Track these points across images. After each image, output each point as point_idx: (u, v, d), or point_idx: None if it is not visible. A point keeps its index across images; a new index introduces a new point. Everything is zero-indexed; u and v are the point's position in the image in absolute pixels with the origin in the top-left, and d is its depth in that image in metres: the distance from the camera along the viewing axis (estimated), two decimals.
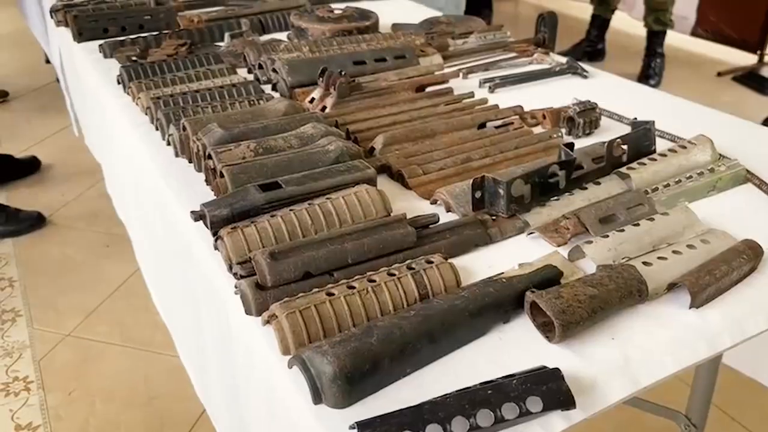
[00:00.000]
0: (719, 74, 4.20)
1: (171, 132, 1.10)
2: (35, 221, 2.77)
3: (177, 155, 1.10)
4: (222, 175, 0.89)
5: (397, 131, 1.09)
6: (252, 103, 1.21)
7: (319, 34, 1.61)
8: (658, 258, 0.77)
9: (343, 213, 0.83)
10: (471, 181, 0.87)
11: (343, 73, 1.27)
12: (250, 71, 1.48)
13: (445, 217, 0.90)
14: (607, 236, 0.80)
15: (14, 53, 4.72)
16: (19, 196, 3.01)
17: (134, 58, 1.53)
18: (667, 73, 4.07)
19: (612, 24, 4.50)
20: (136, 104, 1.29)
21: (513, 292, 0.71)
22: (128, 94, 1.34)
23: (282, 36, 1.73)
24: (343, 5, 1.82)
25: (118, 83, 1.40)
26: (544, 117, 1.19)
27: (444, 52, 1.53)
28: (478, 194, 0.87)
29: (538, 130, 1.18)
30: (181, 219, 0.96)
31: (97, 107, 1.54)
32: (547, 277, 0.73)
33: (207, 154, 0.94)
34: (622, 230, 0.81)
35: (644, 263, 0.76)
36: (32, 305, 2.31)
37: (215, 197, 0.95)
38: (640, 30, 4.31)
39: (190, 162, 1.06)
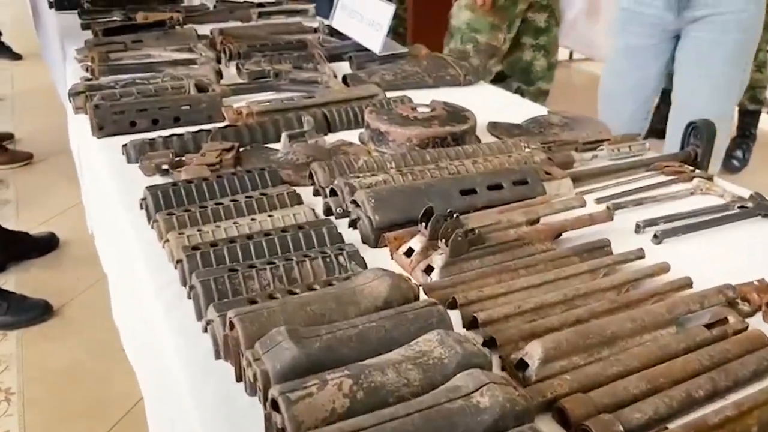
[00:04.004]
0: None
1: (210, 317, 0.73)
2: (41, 312, 2.42)
3: (218, 357, 0.72)
4: None
5: (560, 334, 0.70)
6: (328, 260, 0.84)
7: (404, 140, 1.25)
8: None
9: None
10: None
11: (454, 215, 0.89)
12: (316, 193, 1.11)
13: None
14: None
15: (43, 111, 4.49)
16: (31, 279, 2.67)
17: (165, 167, 1.17)
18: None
19: None
20: (164, 248, 0.93)
21: None
22: (154, 228, 0.98)
23: (353, 135, 1.37)
24: (420, 93, 1.46)
25: (141, 208, 1.04)
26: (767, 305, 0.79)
27: (572, 172, 1.15)
28: None
29: (754, 321, 0.78)
30: None
31: (112, 230, 1.18)
32: None
33: (271, 398, 0.56)
34: None
35: None
36: (28, 428, 1.93)
37: None
38: None
39: (240, 381, 0.68)
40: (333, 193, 1.05)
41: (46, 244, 2.83)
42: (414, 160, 1.13)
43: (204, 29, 2.20)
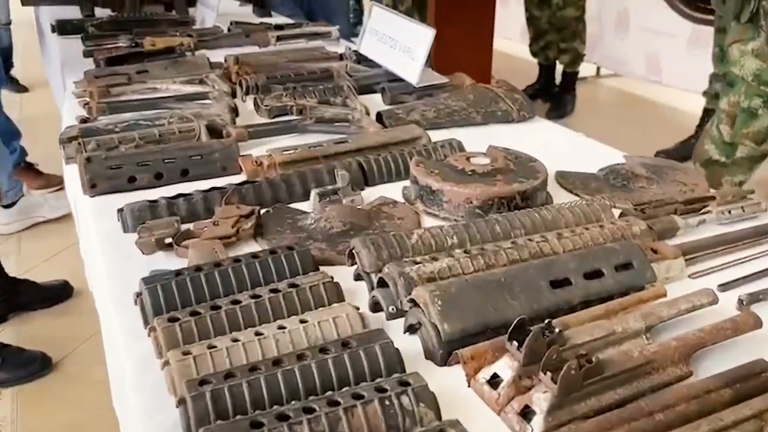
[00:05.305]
0: None
1: None
2: (39, 367, 2.20)
3: None
4: None
5: None
6: (387, 404, 0.60)
7: (462, 201, 1.01)
8: None
9: None
10: None
11: (556, 329, 0.66)
12: (358, 277, 0.88)
13: None
14: None
15: (51, 138, 4.30)
16: (29, 325, 2.46)
17: (169, 241, 0.94)
18: None
19: None
20: (163, 370, 0.69)
21: None
22: (150, 337, 0.74)
23: (394, 189, 1.14)
24: (467, 132, 1.23)
25: (136, 304, 0.81)
26: None
27: (682, 247, 0.91)
28: None
29: None
30: None
31: (103, 320, 0.95)
32: None
33: None
34: None
35: None
36: None
37: None
38: None
39: None
40: (382, 282, 0.81)
41: (56, 295, 2.55)
42: (481, 233, 0.89)
43: (218, 54, 1.99)
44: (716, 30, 3.59)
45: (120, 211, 1.02)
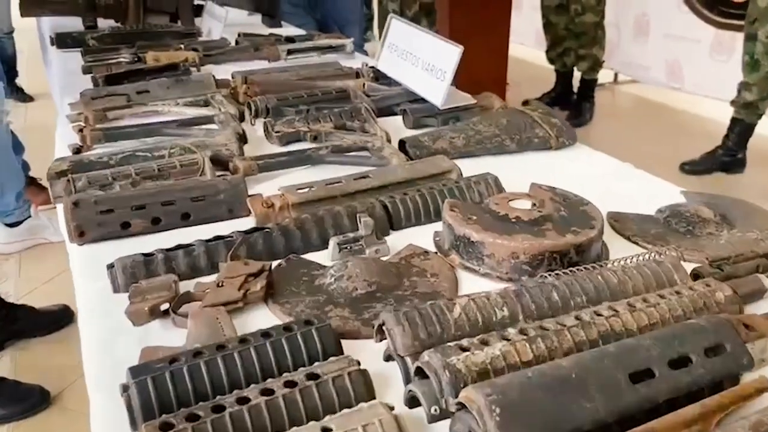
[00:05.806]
0: None
1: None
2: (37, 401, 2.07)
3: None
4: None
5: None
6: None
7: (506, 255, 0.86)
8: None
9: None
10: None
11: None
12: (389, 358, 0.73)
13: None
14: None
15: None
16: (28, 354, 2.33)
17: (165, 308, 0.80)
18: None
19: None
20: None
21: None
22: None
23: (423, 235, 1.00)
24: (499, 161, 1.08)
25: (122, 395, 0.67)
26: None
27: None
28: None
29: None
30: None
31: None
32: None
33: None
34: None
35: None
36: None
37: None
38: None
39: None
40: (421, 373, 0.66)
41: (56, 321, 2.42)
42: (536, 303, 0.74)
43: (224, 70, 1.86)
44: (746, 37, 3.42)
45: (110, 267, 0.88)
